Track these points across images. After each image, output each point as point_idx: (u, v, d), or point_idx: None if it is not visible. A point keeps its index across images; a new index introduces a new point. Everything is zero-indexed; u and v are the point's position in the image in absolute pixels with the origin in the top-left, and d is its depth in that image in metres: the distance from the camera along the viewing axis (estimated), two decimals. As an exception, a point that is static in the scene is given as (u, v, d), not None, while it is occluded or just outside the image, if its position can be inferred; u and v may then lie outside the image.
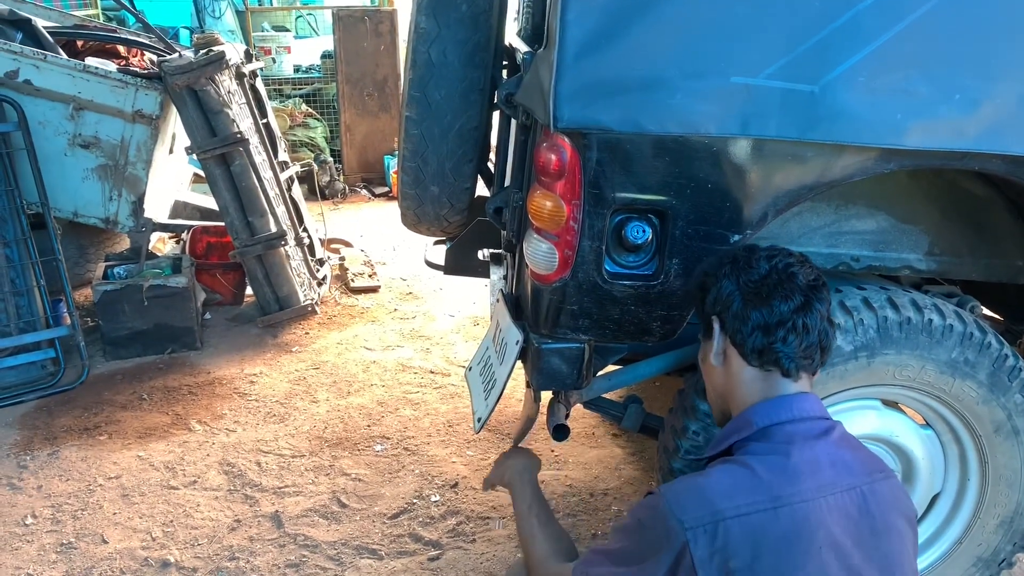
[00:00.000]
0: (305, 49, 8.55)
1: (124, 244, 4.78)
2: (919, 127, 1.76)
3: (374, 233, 6.03)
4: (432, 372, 3.90)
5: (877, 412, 2.09)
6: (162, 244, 5.11)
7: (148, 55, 4.73)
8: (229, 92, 4.11)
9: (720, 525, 1.30)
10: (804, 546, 1.31)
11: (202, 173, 4.36)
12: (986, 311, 2.54)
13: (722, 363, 1.53)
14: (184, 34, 8.16)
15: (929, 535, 2.22)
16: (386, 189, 7.17)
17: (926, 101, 1.76)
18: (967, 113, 1.77)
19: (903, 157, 1.81)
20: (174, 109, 4.14)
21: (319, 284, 4.65)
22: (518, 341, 2.05)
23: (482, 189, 2.57)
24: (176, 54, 4.23)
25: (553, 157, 1.79)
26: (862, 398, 2.06)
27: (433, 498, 2.94)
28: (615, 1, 1.70)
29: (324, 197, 6.74)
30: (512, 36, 2.44)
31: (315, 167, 6.56)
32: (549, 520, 1.83)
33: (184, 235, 4.68)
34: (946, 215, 2.17)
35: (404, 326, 4.44)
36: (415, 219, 2.51)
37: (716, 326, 1.52)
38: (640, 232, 1.83)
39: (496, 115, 2.40)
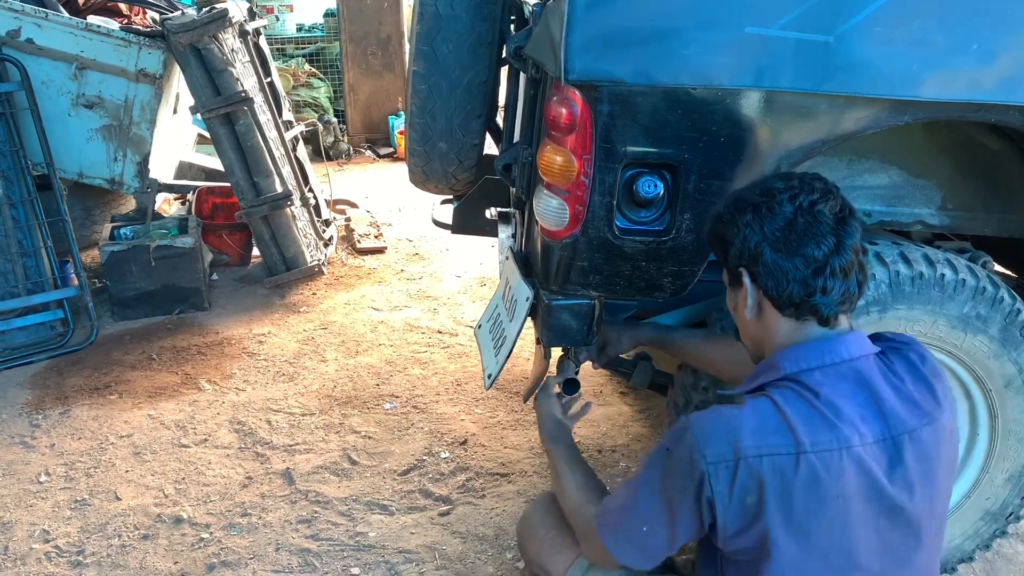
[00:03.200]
0: (307, 7, 8.43)
1: (130, 205, 4.77)
2: (936, 78, 1.74)
3: (379, 194, 6.01)
4: (440, 332, 3.91)
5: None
6: (168, 205, 5.10)
7: (150, 13, 4.67)
8: (232, 50, 4.07)
9: (741, 463, 1.30)
10: (820, 495, 1.31)
11: (207, 134, 4.33)
12: (998, 267, 2.53)
13: (757, 315, 1.46)
14: (185, -7, 8.07)
15: (937, 489, 2.23)
16: (391, 150, 7.13)
17: (943, 51, 1.73)
18: (985, 64, 1.74)
19: (918, 109, 1.79)
20: (178, 69, 4.10)
21: (325, 245, 4.65)
22: (528, 298, 2.04)
23: (490, 147, 2.56)
24: (178, 12, 4.19)
25: (564, 111, 1.77)
26: (872, 354, 2.05)
27: (443, 455, 2.96)
28: (627, -50, 1.67)
29: (328, 158, 6.70)
30: (520, -11, 2.41)
31: (320, 127, 6.52)
32: (581, 471, 1.77)
33: (190, 196, 4.66)
34: (959, 169, 2.15)
35: (411, 287, 4.44)
36: (423, 177, 2.49)
37: (747, 280, 1.44)
38: (651, 187, 1.81)
39: (505, 70, 2.38)
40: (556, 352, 2.25)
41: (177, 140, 4.79)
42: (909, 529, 1.37)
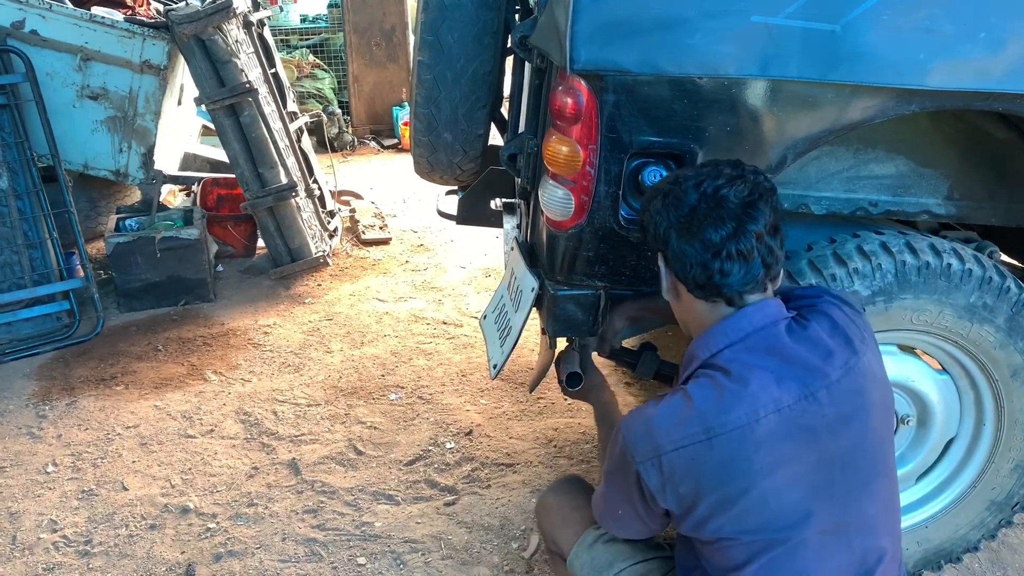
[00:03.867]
0: (312, -2, 8.44)
1: (135, 197, 4.78)
2: (943, 67, 1.73)
3: (384, 185, 6.01)
4: (445, 323, 3.91)
5: (893, 358, 2.08)
6: (173, 197, 5.11)
7: (154, 4, 4.68)
8: (237, 41, 4.07)
9: (663, 458, 1.41)
10: (742, 470, 1.38)
11: (211, 125, 4.33)
12: (1004, 257, 2.52)
13: (676, 298, 1.56)
14: (189, -16, 8.06)
15: (943, 479, 2.22)
16: (395, 141, 7.13)
17: (950, 40, 1.72)
18: (993, 52, 1.73)
19: (925, 98, 1.78)
20: (182, 60, 4.10)
21: (330, 236, 4.65)
22: (533, 288, 2.04)
23: (496, 138, 2.55)
24: (183, 3, 4.19)
25: (569, 100, 1.77)
26: (879, 344, 2.05)
27: (448, 445, 2.97)
28: (633, -62, 1.66)
29: (333, 149, 6.70)
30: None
31: (324, 118, 6.52)
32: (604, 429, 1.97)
33: (195, 187, 4.67)
34: (966, 159, 2.14)
35: (416, 278, 4.44)
36: (428, 167, 2.49)
37: (662, 263, 1.55)
38: (657, 177, 1.81)
39: (510, 60, 2.37)
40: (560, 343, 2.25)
41: (182, 131, 4.80)
42: (849, 477, 1.43)
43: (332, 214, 4.86)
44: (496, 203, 2.81)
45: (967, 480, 2.19)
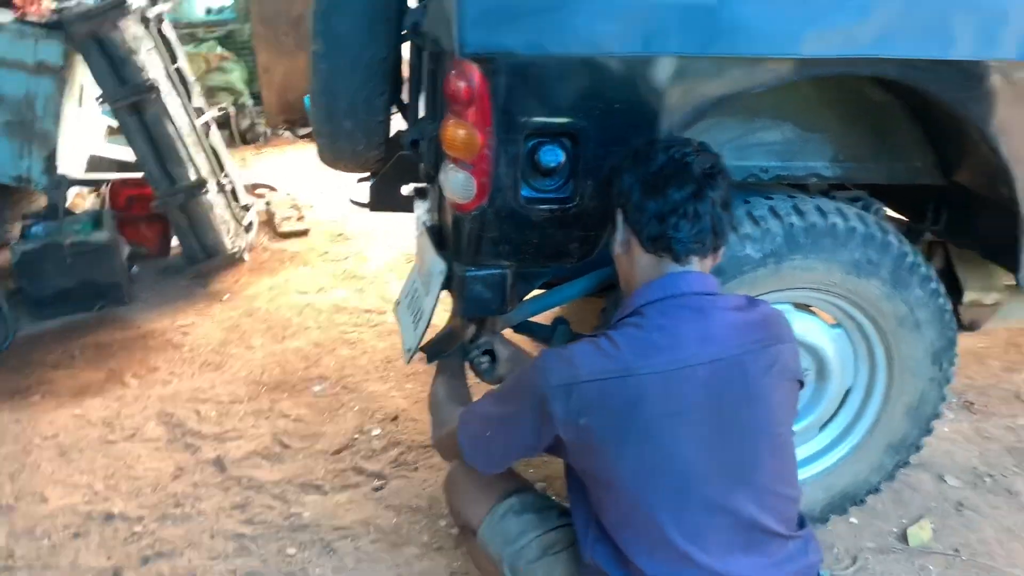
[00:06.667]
0: (216, -11, 8.24)
1: (42, 202, 4.63)
2: (815, 35, 1.81)
3: (300, 175, 5.94)
4: (368, 311, 3.91)
5: (789, 316, 2.17)
6: (81, 199, 4.97)
7: (45, 3, 4.53)
8: (136, 38, 3.97)
9: (575, 387, 1.49)
10: (646, 413, 1.47)
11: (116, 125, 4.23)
12: (894, 214, 2.64)
13: (626, 251, 1.67)
14: (85, -21, 7.79)
15: (844, 427, 2.35)
16: (309, 130, 7.03)
17: (821, 9, 1.80)
18: (860, 19, 1.82)
19: (802, 66, 1.86)
20: (81, 59, 3.99)
21: (246, 230, 4.59)
22: (441, 271, 2.08)
23: (403, 124, 2.56)
24: (75, 1, 4.06)
25: (462, 84, 1.79)
26: (774, 303, 2.14)
27: (374, 432, 2.99)
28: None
29: (246, 142, 6.61)
30: (416, -36, 2.41)
31: (232, 111, 6.40)
32: (456, 383, 2.12)
33: (103, 189, 4.55)
34: (850, 122, 2.23)
35: (336, 268, 4.43)
36: (331, 156, 2.49)
37: (619, 217, 1.68)
38: (553, 156, 1.85)
39: (407, 47, 2.39)
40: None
41: (86, 132, 4.66)
42: (744, 448, 1.53)
43: (246, 208, 4.80)
44: (407, 188, 2.83)
45: (865, 426, 2.32)
